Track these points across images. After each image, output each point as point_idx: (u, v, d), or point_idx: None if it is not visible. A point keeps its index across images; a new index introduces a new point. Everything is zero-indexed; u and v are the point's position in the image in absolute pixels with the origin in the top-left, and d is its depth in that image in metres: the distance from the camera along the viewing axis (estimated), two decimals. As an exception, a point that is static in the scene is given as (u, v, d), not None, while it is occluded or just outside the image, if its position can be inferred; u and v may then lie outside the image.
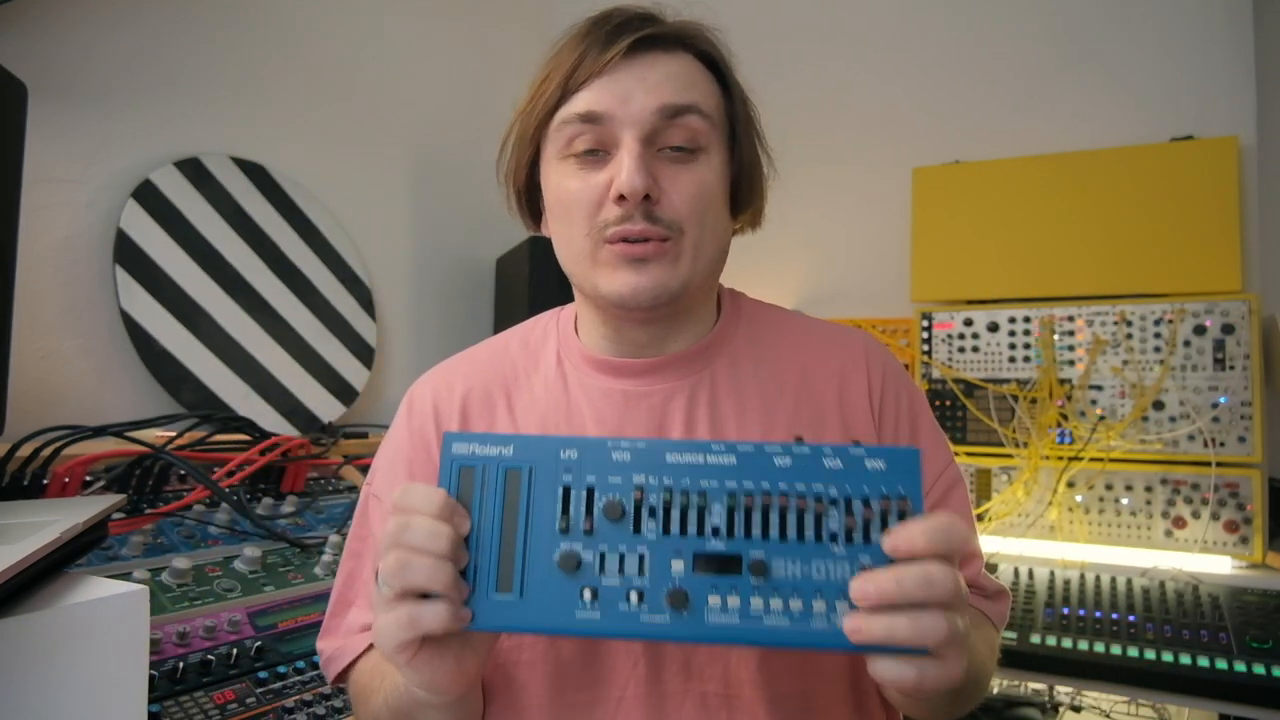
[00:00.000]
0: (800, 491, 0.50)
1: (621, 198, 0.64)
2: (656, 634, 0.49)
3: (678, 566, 0.49)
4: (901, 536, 0.48)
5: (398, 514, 0.51)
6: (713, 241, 0.70)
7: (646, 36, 0.67)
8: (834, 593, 0.48)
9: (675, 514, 0.50)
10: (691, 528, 0.50)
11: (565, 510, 0.50)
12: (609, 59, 0.65)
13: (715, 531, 0.50)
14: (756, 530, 0.50)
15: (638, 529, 0.50)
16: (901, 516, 0.49)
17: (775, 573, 0.49)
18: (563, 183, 0.68)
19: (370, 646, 0.72)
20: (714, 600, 0.49)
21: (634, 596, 0.49)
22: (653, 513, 0.50)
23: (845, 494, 0.49)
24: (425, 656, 0.51)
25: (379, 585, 0.50)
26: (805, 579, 0.49)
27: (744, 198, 0.74)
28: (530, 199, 0.76)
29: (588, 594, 0.49)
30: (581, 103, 0.66)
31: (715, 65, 0.71)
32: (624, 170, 0.64)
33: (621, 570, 0.50)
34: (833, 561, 0.49)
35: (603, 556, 0.50)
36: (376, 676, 0.67)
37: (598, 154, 0.67)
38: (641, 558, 0.50)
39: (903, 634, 0.46)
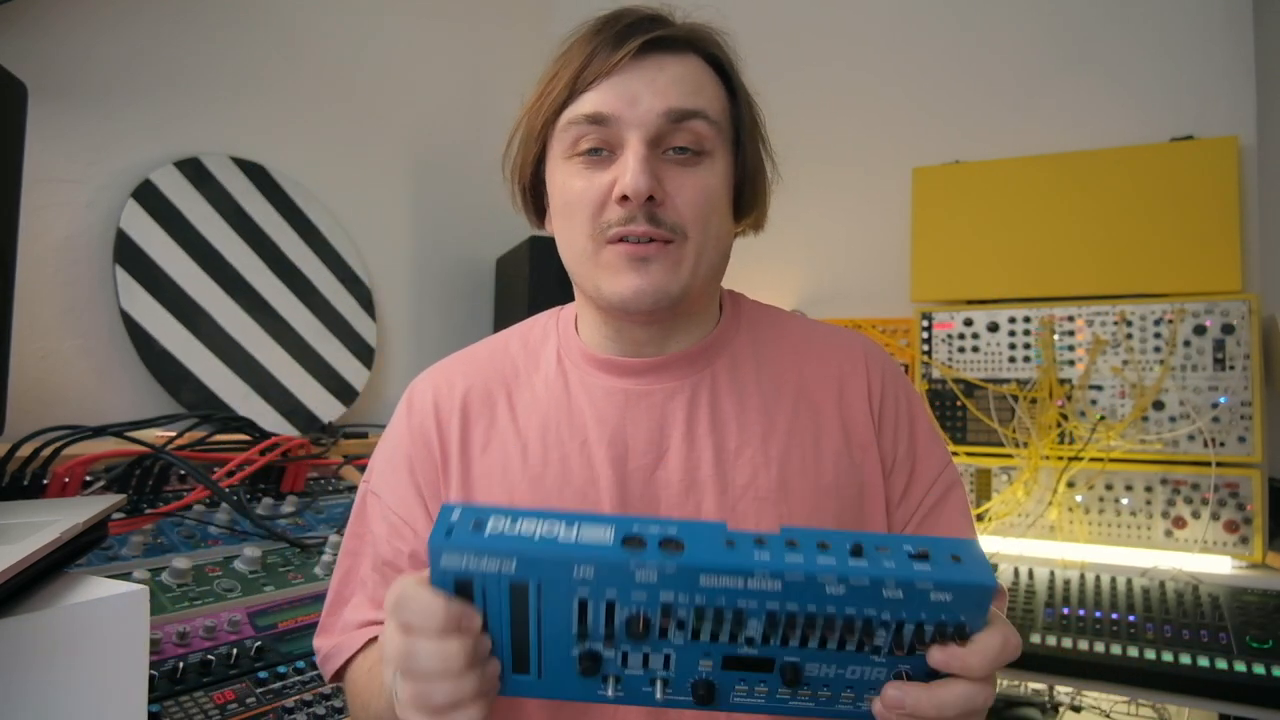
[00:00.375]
0: (850, 616, 0.44)
1: (624, 198, 0.64)
2: (679, 706, 0.48)
3: (706, 665, 0.47)
4: (956, 660, 0.46)
5: (401, 635, 0.47)
6: (715, 247, 0.70)
7: (655, 39, 0.67)
8: (865, 689, 0.47)
9: (706, 625, 0.45)
10: (724, 637, 0.45)
11: (582, 622, 0.45)
12: (617, 60, 0.65)
13: (750, 640, 0.46)
14: (794, 642, 0.46)
15: (663, 636, 0.46)
16: (955, 636, 0.45)
17: (808, 673, 0.47)
18: (567, 182, 0.68)
19: (367, 643, 0.72)
20: (741, 689, 0.47)
21: (659, 685, 0.47)
22: (681, 626, 0.45)
23: (899, 618, 0.45)
24: None
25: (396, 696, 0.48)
26: (839, 678, 0.47)
27: (747, 202, 0.74)
28: (535, 196, 0.76)
29: (611, 682, 0.47)
30: (588, 103, 0.66)
31: (722, 68, 0.71)
32: (628, 171, 0.64)
33: (646, 666, 0.47)
34: (870, 668, 0.46)
35: (625, 656, 0.46)
36: (376, 680, 0.66)
37: (603, 154, 0.67)
38: (667, 657, 0.46)
39: None
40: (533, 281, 1.82)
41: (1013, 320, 1.63)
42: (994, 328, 1.65)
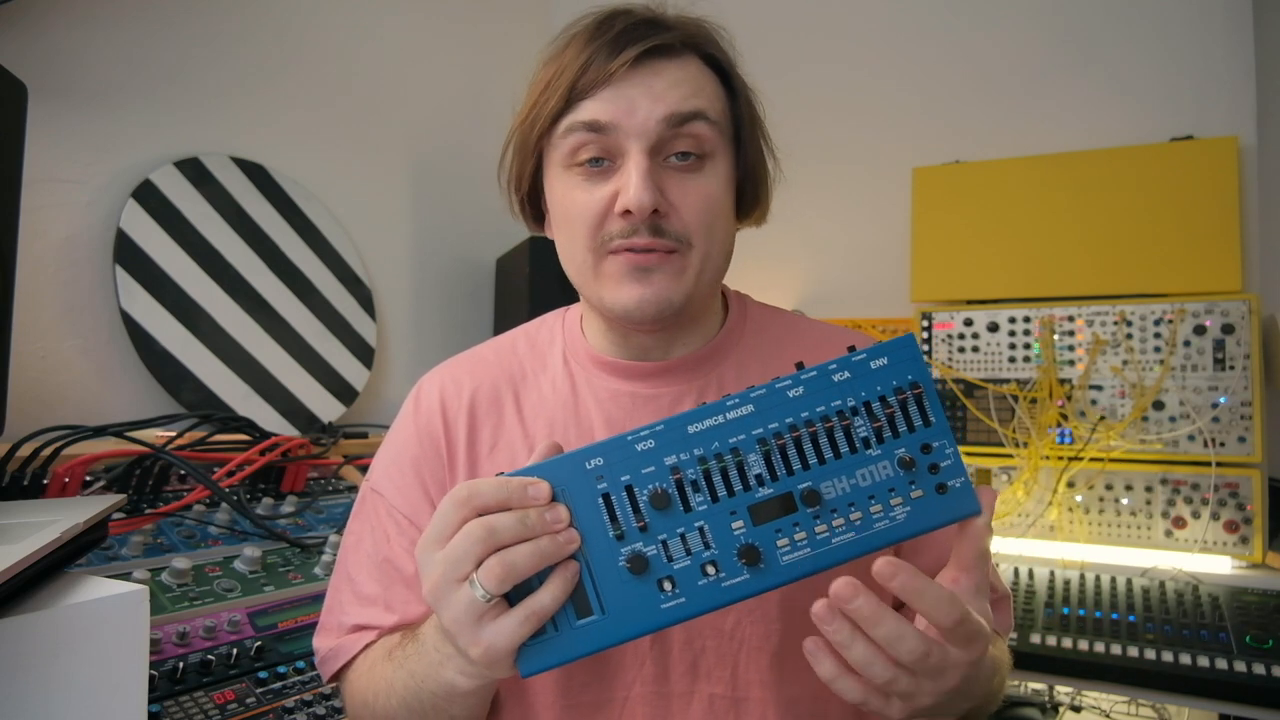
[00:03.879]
0: (822, 413, 0.51)
1: (627, 212, 0.64)
2: (743, 594, 0.50)
3: (738, 526, 0.50)
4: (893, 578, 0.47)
5: (478, 524, 0.49)
6: (719, 251, 0.70)
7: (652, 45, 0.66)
8: (886, 495, 0.50)
9: (717, 479, 0.50)
10: (737, 486, 0.50)
11: (613, 517, 0.51)
12: (614, 69, 0.64)
13: (760, 480, 0.51)
14: (797, 465, 0.51)
15: (688, 507, 0.50)
16: (919, 403, 0.51)
17: (826, 495, 0.50)
18: (568, 194, 0.67)
19: (365, 647, 0.71)
20: (783, 543, 0.50)
21: (710, 569, 0.50)
22: (696, 486, 0.50)
23: (862, 399, 0.51)
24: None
25: (479, 595, 0.48)
26: (855, 489, 0.50)
27: (749, 200, 0.74)
28: (533, 203, 0.76)
29: (667, 585, 0.50)
30: (586, 112, 0.65)
31: (720, 66, 0.71)
32: (631, 186, 0.63)
33: (688, 551, 0.50)
34: (874, 464, 0.51)
35: (665, 544, 0.50)
36: (381, 679, 0.66)
37: (603, 164, 0.66)
38: (701, 530, 0.50)
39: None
40: (533, 281, 1.82)
41: (1013, 320, 1.63)
42: (994, 328, 1.65)
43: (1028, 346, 1.61)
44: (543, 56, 0.71)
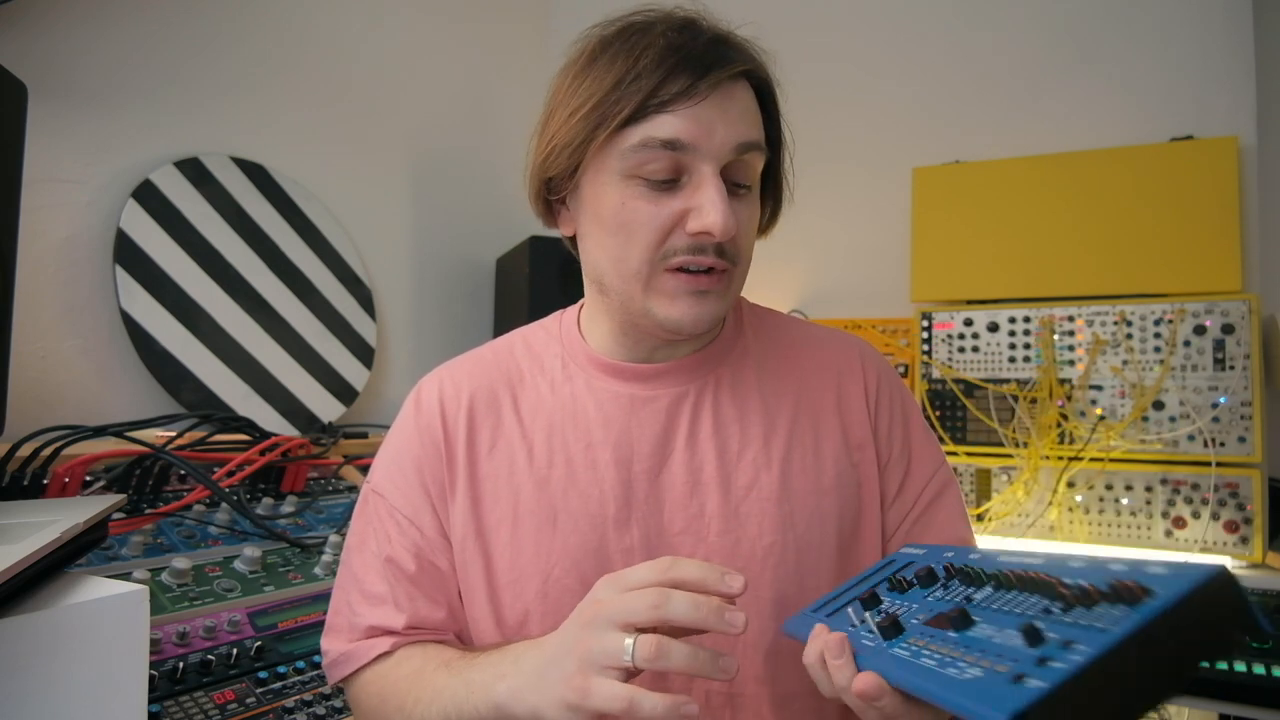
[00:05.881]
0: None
1: (705, 233, 0.64)
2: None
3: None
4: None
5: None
6: (749, 267, 0.72)
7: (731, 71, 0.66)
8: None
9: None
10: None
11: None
12: (700, 91, 0.64)
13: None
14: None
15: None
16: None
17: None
18: (629, 202, 0.66)
19: (379, 656, 0.71)
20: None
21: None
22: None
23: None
24: None
25: (626, 654, 0.51)
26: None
27: (767, 220, 0.77)
28: (551, 194, 0.75)
29: None
30: (666, 128, 0.64)
31: (766, 93, 0.72)
32: (716, 211, 0.63)
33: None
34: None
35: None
36: (407, 695, 0.66)
37: (671, 182, 0.66)
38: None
39: None
40: (533, 281, 1.82)
41: (1013, 320, 1.63)
42: (994, 328, 1.65)
43: (1028, 346, 1.61)
44: (591, 46, 0.68)
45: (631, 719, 0.50)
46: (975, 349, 1.66)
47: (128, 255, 1.35)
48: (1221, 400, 1.44)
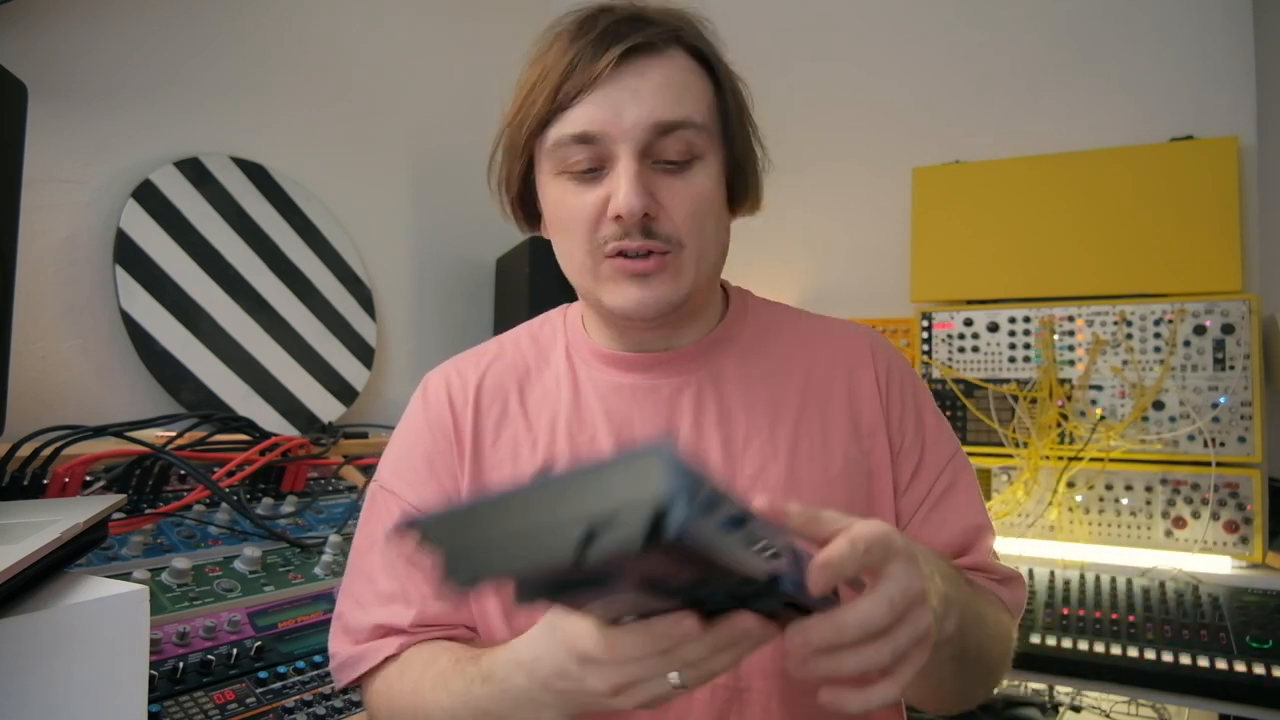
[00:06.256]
0: None
1: (619, 216, 0.64)
2: None
3: None
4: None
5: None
6: (714, 248, 0.70)
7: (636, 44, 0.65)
8: None
9: None
10: None
11: None
12: (598, 72, 0.64)
13: None
14: None
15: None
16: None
17: None
18: (561, 199, 0.68)
19: (389, 658, 0.70)
20: None
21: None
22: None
23: None
24: None
25: (675, 676, 0.47)
26: None
27: (740, 191, 0.74)
28: (525, 204, 0.76)
29: None
30: (573, 122, 0.65)
31: (705, 59, 0.70)
32: (621, 192, 0.63)
33: None
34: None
35: None
36: (423, 695, 0.65)
37: (595, 171, 0.66)
38: None
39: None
40: (533, 281, 1.82)
41: (1013, 320, 1.63)
42: (994, 328, 1.65)
43: (1028, 346, 1.61)
44: (528, 56, 0.71)
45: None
46: (975, 349, 1.66)
47: (128, 255, 1.35)
48: (1221, 400, 1.44)
